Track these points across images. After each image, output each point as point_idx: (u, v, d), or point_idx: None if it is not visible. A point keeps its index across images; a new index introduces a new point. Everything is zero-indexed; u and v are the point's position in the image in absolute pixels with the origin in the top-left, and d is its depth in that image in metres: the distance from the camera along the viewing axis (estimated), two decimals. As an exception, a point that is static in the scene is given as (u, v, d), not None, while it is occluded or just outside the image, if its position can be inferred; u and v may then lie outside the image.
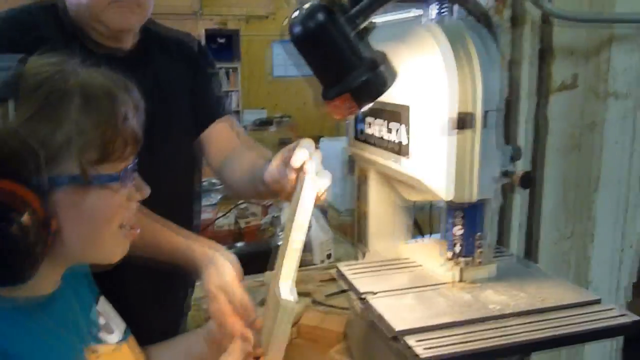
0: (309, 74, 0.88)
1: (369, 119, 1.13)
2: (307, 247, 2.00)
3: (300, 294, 1.62)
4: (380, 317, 0.89)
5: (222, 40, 7.92)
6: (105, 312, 0.90)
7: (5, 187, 0.62)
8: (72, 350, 0.75)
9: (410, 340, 0.81)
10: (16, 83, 0.65)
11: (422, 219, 1.60)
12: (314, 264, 1.94)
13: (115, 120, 0.70)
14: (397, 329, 0.84)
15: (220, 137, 1.36)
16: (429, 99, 0.92)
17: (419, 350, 0.79)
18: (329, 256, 1.99)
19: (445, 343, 0.81)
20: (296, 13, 0.79)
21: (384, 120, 1.05)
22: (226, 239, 2.22)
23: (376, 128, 1.10)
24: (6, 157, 0.64)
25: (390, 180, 1.14)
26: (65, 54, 0.72)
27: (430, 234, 1.62)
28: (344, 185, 2.74)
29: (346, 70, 0.81)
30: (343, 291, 1.71)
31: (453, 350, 0.80)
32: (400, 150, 1.01)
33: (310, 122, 9.00)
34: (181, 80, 1.32)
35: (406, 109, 0.96)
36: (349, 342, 1.33)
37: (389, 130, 1.04)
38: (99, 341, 0.83)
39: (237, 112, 8.66)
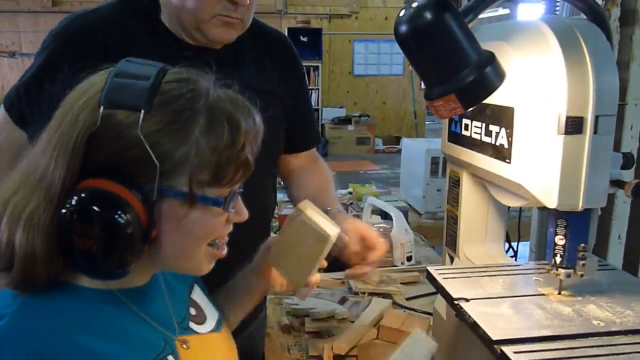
0: (389, 74, 0.87)
1: (465, 121, 1.10)
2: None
3: (381, 295, 1.62)
4: (474, 325, 0.86)
5: (304, 39, 8.02)
6: (198, 301, 0.92)
7: (119, 192, 0.66)
8: (160, 340, 0.77)
9: (508, 351, 0.78)
10: (152, 95, 0.68)
11: (510, 226, 1.55)
12: (395, 266, 1.92)
13: (232, 149, 0.71)
14: (493, 338, 0.81)
15: (303, 165, 1.43)
16: (537, 101, 0.88)
17: (518, 362, 0.76)
18: (409, 258, 1.96)
19: (545, 357, 0.78)
20: (403, 11, 0.78)
21: (483, 122, 1.02)
22: (307, 235, 2.23)
23: (474, 130, 1.06)
24: (126, 162, 0.67)
25: (486, 184, 1.11)
26: (202, 70, 0.74)
27: (519, 241, 1.56)
28: (426, 187, 2.71)
29: (452, 70, 0.79)
30: (424, 295, 1.69)
31: (554, 365, 0.76)
32: (500, 153, 0.97)
33: (389, 122, 8.97)
34: (274, 85, 1.28)
35: (510, 110, 0.93)
36: (432, 347, 1.30)
37: (488, 133, 1.01)
38: (189, 332, 0.84)
39: (317, 110, 8.76)
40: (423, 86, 0.89)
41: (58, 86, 1.01)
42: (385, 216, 2.17)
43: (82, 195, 0.65)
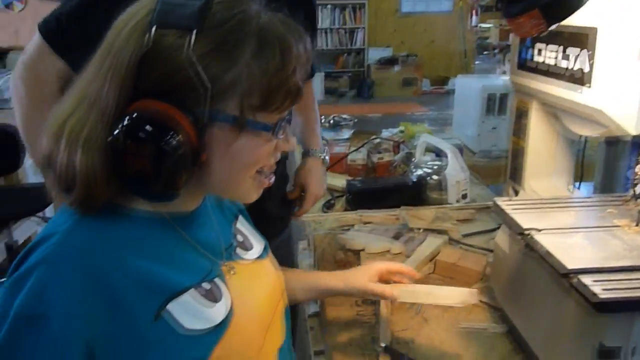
0: (437, 11, 0.80)
1: (539, 45, 1.04)
2: (441, 186, 1.95)
3: (438, 232, 1.61)
4: (548, 254, 0.84)
5: (350, -25, 7.76)
6: (243, 229, 0.93)
7: (169, 112, 0.65)
8: (207, 264, 0.78)
9: (587, 280, 0.76)
10: (202, 16, 0.66)
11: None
12: (449, 203, 1.89)
13: (283, 73, 0.69)
14: (569, 267, 0.79)
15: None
16: (623, 19, 0.82)
17: (597, 289, 0.73)
18: (464, 196, 1.93)
19: (624, 286, 0.75)
20: None
21: (561, 44, 0.96)
22: (359, 172, 2.22)
23: (548, 54, 1.01)
24: (177, 85, 0.66)
25: (559, 113, 1.06)
26: None
27: (581, 179, 1.50)
28: (481, 125, 2.63)
29: (536, -17, 0.73)
30: (480, 232, 1.66)
31: (635, 295, 0.73)
32: (579, 78, 0.92)
33: (437, 61, 8.70)
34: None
35: (593, 31, 0.86)
36: (491, 282, 1.29)
37: (566, 57, 0.95)
38: (236, 257, 0.85)
39: (362, 50, 8.55)
40: (472, 22, 0.83)
41: (104, 11, 0.98)
42: (439, 154, 2.13)
43: (135, 115, 0.65)
